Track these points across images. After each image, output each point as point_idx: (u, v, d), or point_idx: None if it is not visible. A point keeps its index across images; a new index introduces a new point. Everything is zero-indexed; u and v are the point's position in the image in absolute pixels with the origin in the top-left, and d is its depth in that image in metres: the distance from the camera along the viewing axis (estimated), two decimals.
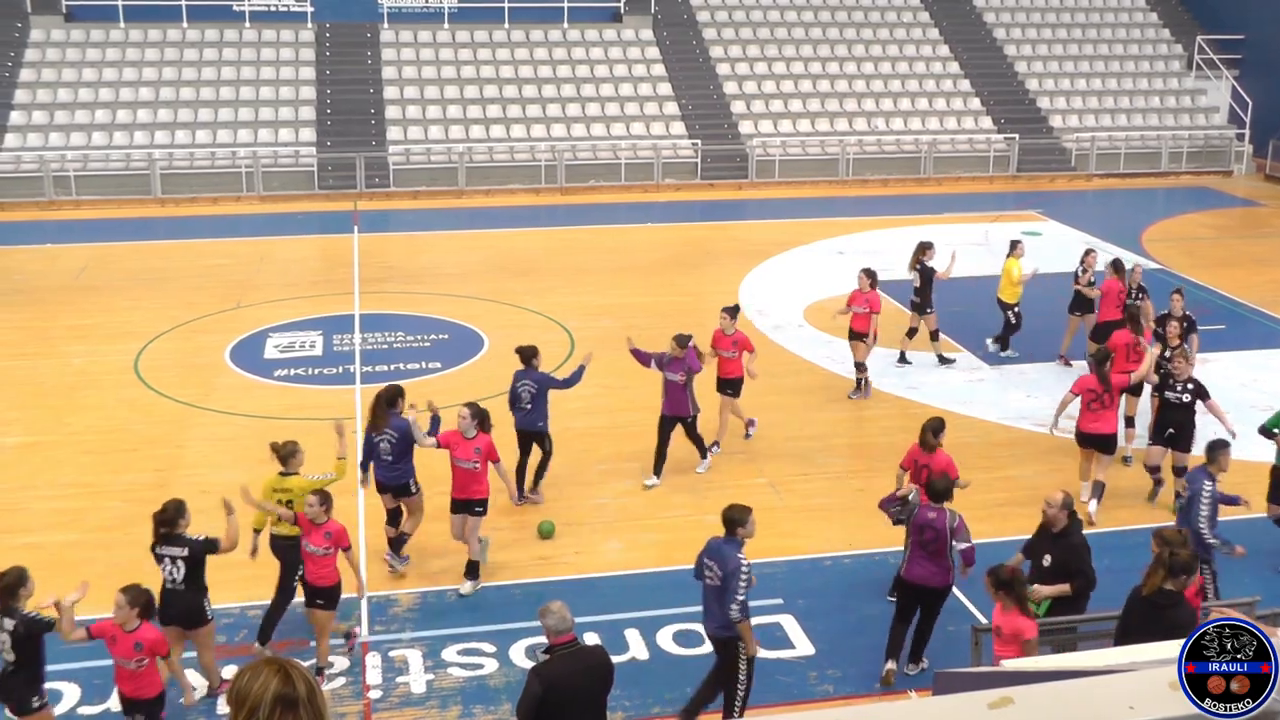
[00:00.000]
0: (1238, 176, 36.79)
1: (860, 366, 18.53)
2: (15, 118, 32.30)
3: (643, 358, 15.69)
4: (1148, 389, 16.10)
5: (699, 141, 34.33)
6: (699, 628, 12.47)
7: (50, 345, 20.93)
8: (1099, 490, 14.83)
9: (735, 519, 10.60)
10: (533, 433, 15.16)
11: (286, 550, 12.07)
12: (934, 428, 12.80)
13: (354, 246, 27.41)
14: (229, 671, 11.06)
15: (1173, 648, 6.12)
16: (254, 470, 15.71)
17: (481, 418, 13.08)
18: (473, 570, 13.24)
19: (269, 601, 12.01)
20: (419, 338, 21.21)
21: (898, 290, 22.52)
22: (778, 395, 18.31)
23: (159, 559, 11.01)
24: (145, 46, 34.68)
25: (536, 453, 15.27)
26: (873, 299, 18.10)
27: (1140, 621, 9.29)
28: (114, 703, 10.93)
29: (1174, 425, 14.84)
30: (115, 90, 33.31)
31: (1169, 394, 14.90)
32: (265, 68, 34.83)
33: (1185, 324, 16.96)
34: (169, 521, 10.95)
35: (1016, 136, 35.77)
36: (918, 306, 19.80)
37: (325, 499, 11.49)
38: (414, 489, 13.49)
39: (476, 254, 27.03)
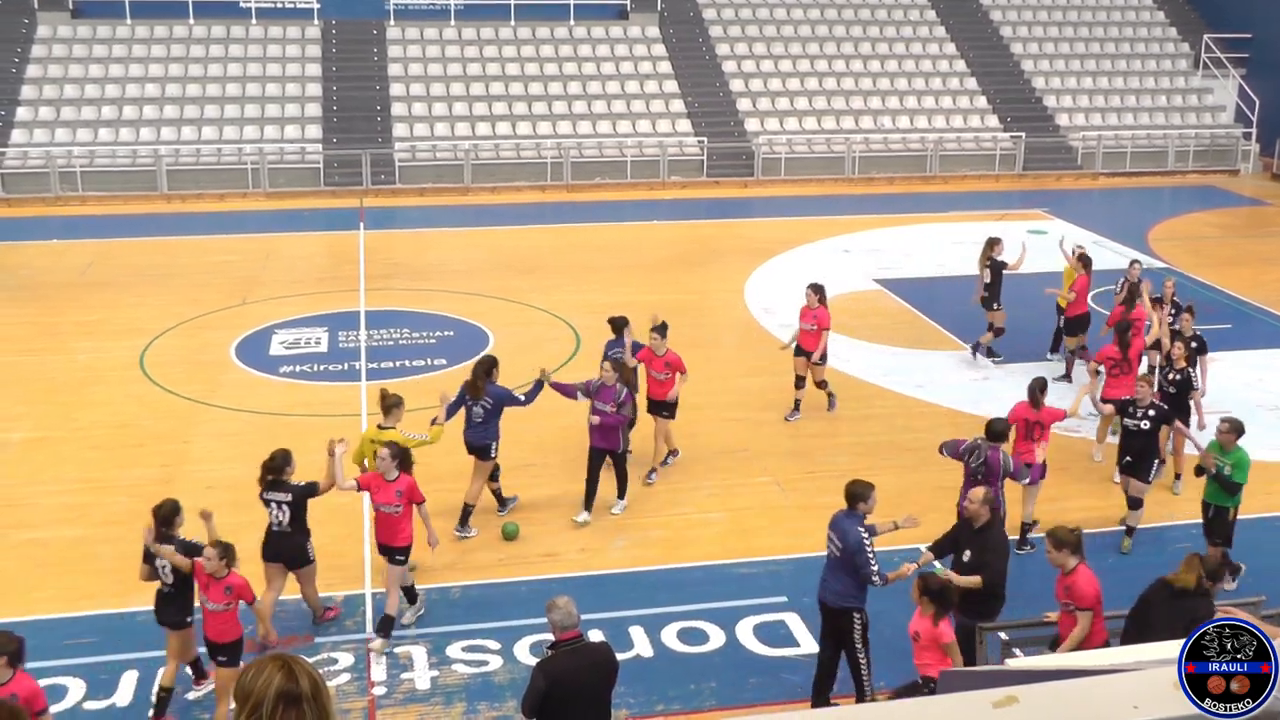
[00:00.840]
0: (1244, 175, 36.75)
1: (800, 383, 17.54)
2: (22, 113, 32.35)
3: (566, 390, 14.46)
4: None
5: (705, 139, 34.34)
6: (703, 625, 12.52)
7: (57, 341, 20.96)
8: None
9: (857, 494, 10.89)
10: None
11: None
12: (1040, 386, 14.12)
13: (360, 243, 27.44)
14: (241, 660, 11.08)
15: (1176, 647, 6.12)
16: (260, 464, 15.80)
17: (402, 457, 11.88)
18: (385, 626, 11.92)
19: (298, 595, 12.21)
20: (424, 334, 21.23)
21: (908, 288, 22.55)
22: (779, 393, 18.31)
23: (266, 504, 12.00)
24: (151, 43, 34.71)
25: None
26: (820, 315, 17.16)
27: (1164, 613, 9.55)
28: (122, 697, 11.01)
29: (1132, 453, 14.13)
30: (122, 86, 33.36)
31: (1128, 420, 14.20)
32: (271, 64, 34.85)
33: (1194, 344, 16.22)
34: (276, 469, 11.97)
35: (1023, 135, 35.75)
36: (986, 302, 19.64)
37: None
38: (493, 453, 14.11)
39: (482, 251, 27.04)
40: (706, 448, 16.78)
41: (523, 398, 14.30)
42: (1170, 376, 15.43)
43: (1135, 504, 14.08)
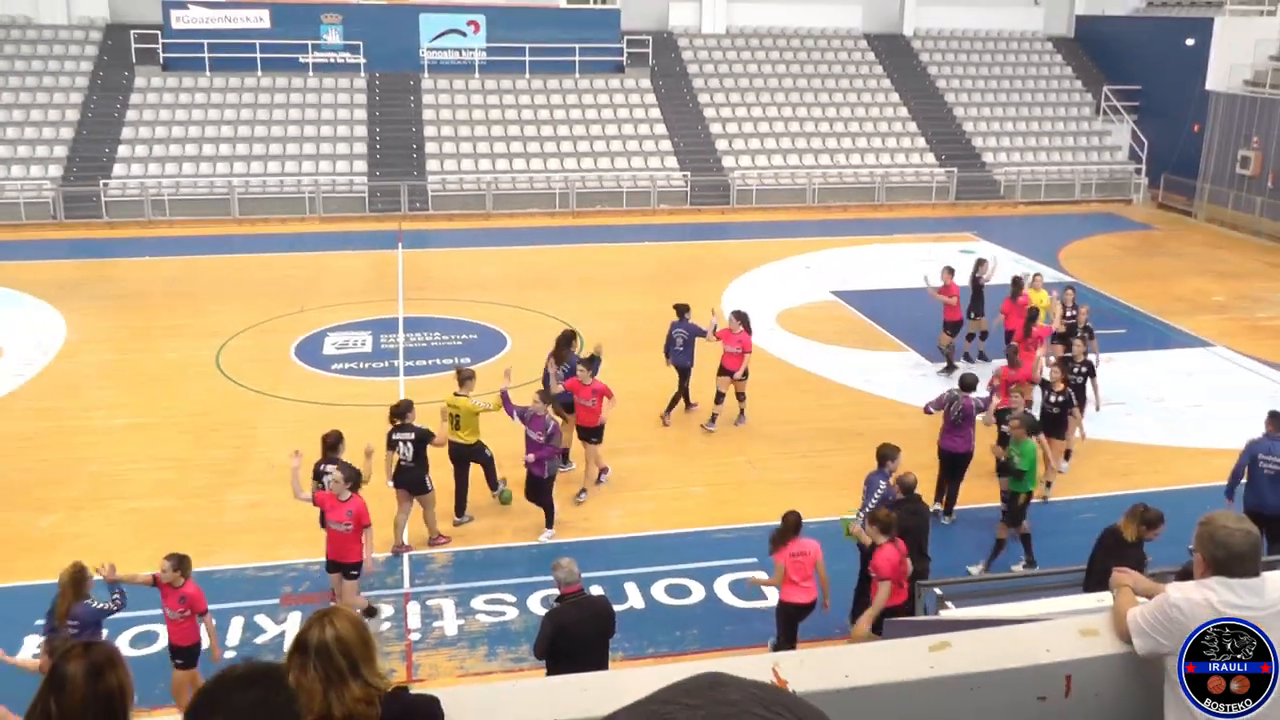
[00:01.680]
0: (1136, 204, 36.74)
1: (719, 398, 16.53)
2: (122, 151, 32.25)
3: (509, 408, 13.48)
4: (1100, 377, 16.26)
5: (689, 173, 34.28)
6: (688, 582, 12.55)
7: (150, 342, 20.93)
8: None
9: (885, 454, 11.65)
10: (683, 368, 16.77)
11: (462, 451, 13.62)
12: (1013, 350, 15.61)
13: (398, 260, 27.40)
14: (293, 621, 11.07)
15: (1083, 601, 6.14)
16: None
17: (355, 480, 11.14)
18: None
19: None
20: (453, 337, 21.21)
21: (860, 299, 22.54)
22: (754, 387, 18.28)
23: (393, 444, 12.76)
24: (227, 92, 34.61)
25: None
26: (744, 340, 16.33)
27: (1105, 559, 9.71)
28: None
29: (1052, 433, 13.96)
30: (202, 128, 33.25)
31: (1044, 404, 13.85)
32: (325, 110, 34.76)
33: (1085, 368, 15.71)
34: (401, 414, 12.87)
35: (955, 170, 35.73)
36: (976, 309, 19.63)
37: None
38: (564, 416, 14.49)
39: (501, 267, 27.00)
40: (691, 432, 16.80)
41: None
42: (1052, 399, 14.53)
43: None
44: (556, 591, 9.14)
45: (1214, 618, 3.65)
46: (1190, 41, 35.68)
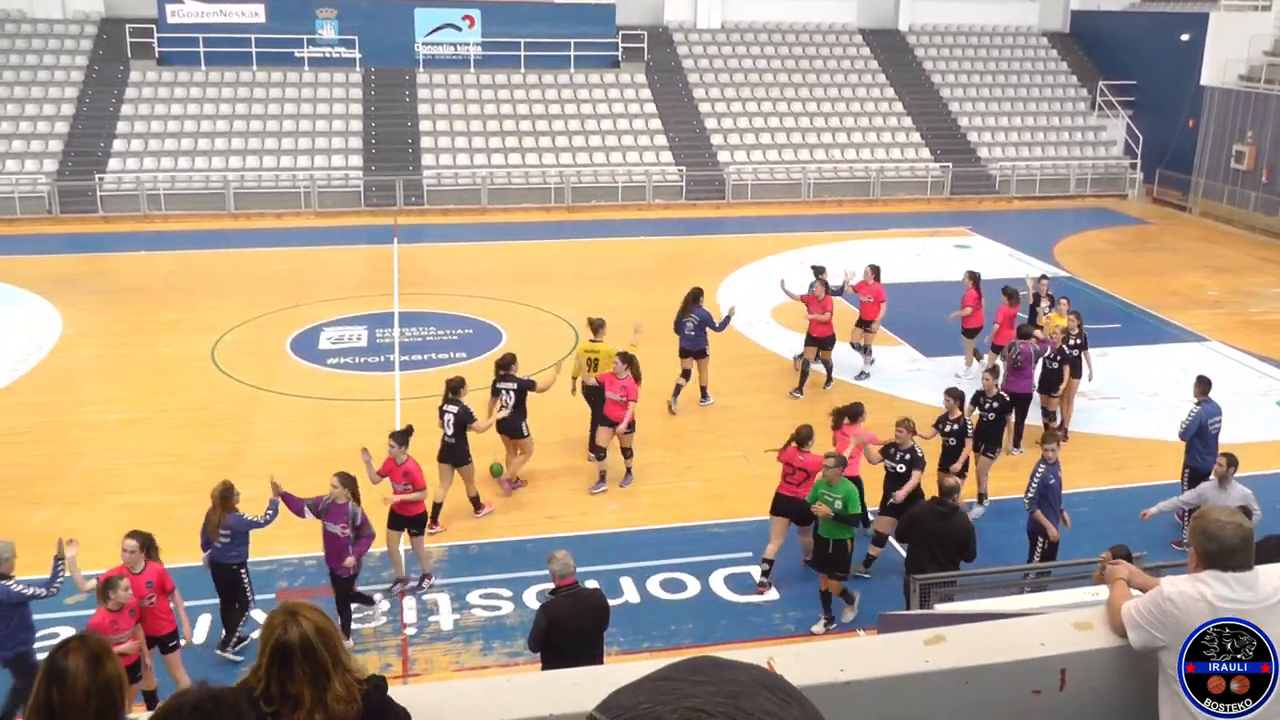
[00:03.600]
0: (1131, 199, 36.78)
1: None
2: (117, 145, 32.17)
3: (294, 504, 11.10)
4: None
5: (684, 168, 34.26)
6: (684, 576, 12.54)
7: (146, 336, 20.85)
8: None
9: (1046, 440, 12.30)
10: (694, 352, 17.04)
11: (595, 394, 14.63)
12: (1013, 292, 17.35)
13: (394, 255, 27.36)
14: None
15: (1079, 595, 6.14)
16: (313, 442, 15.81)
17: (149, 548, 9.81)
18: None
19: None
20: (448, 332, 21.19)
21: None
22: (748, 380, 18.32)
23: (497, 392, 13.81)
24: (222, 86, 34.52)
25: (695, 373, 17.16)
26: (629, 387, 14.30)
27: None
28: (198, 636, 10.97)
29: (892, 495, 12.64)
30: (198, 123, 33.17)
31: (887, 462, 12.60)
32: (320, 104, 34.69)
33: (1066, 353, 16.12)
34: (505, 365, 13.95)
35: (950, 165, 35.74)
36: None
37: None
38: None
39: (496, 262, 26.99)
40: (686, 427, 16.79)
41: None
42: (987, 407, 14.24)
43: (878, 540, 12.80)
44: (551, 585, 9.14)
45: (1208, 611, 3.65)
46: (1185, 36, 35.69)
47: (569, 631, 8.75)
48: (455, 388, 13.38)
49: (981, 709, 3.54)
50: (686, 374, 17.19)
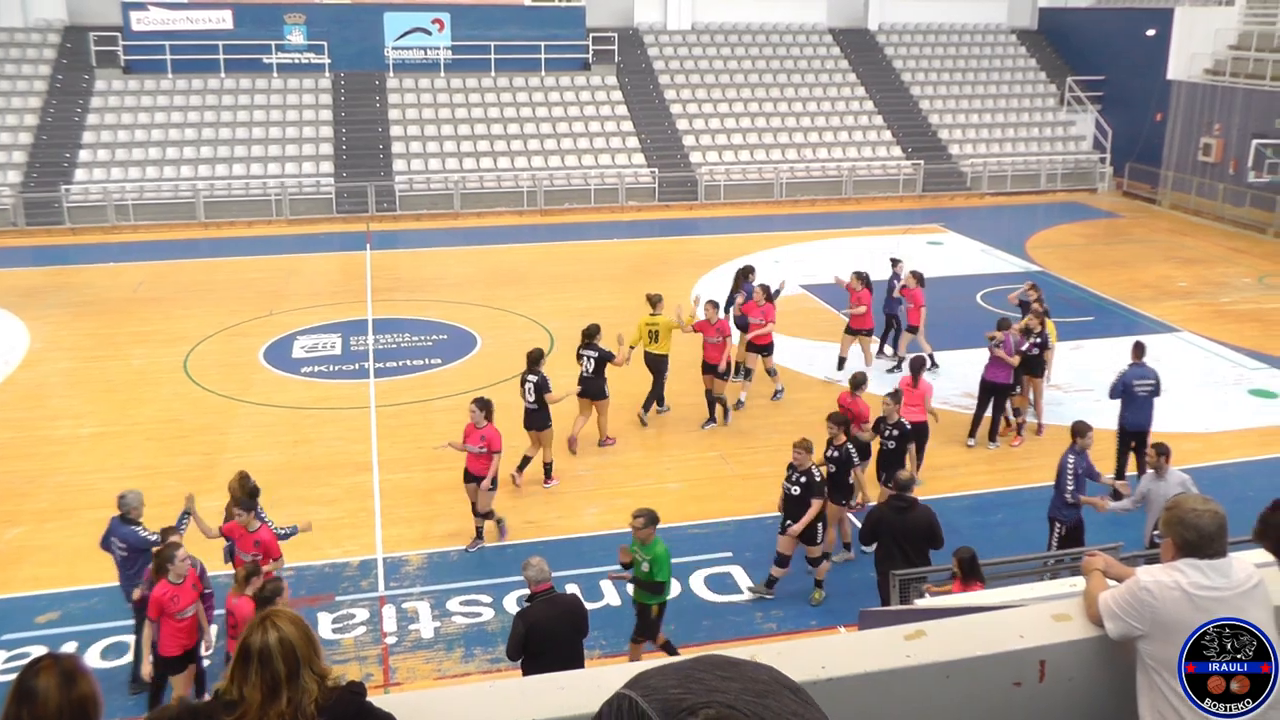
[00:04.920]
0: (1101, 193, 37.07)
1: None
2: (83, 155, 31.95)
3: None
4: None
5: (656, 169, 34.31)
6: None
7: (116, 349, 20.69)
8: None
9: (1077, 430, 12.39)
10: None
11: (657, 361, 16.55)
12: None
13: (367, 262, 27.27)
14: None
15: (1056, 587, 6.18)
16: (288, 452, 15.75)
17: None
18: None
19: (322, 562, 11.96)
20: (423, 338, 21.13)
21: (828, 292, 22.62)
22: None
23: (580, 357, 15.47)
24: (190, 94, 34.30)
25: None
26: (490, 435, 13.04)
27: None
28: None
29: (793, 517, 11.87)
30: (165, 131, 32.96)
31: (785, 484, 11.95)
32: (290, 111, 34.55)
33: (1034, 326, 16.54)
34: (590, 335, 15.39)
35: (921, 162, 35.92)
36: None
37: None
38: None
39: (470, 266, 26.92)
40: (665, 429, 16.81)
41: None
42: (887, 434, 13.45)
43: (814, 562, 12.25)
44: (528, 591, 9.12)
45: (1184, 599, 3.70)
46: (1151, 32, 36.02)
47: (547, 637, 8.73)
48: (535, 359, 14.54)
49: (963, 702, 3.57)
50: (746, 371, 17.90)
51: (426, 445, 15.19)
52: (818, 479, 11.75)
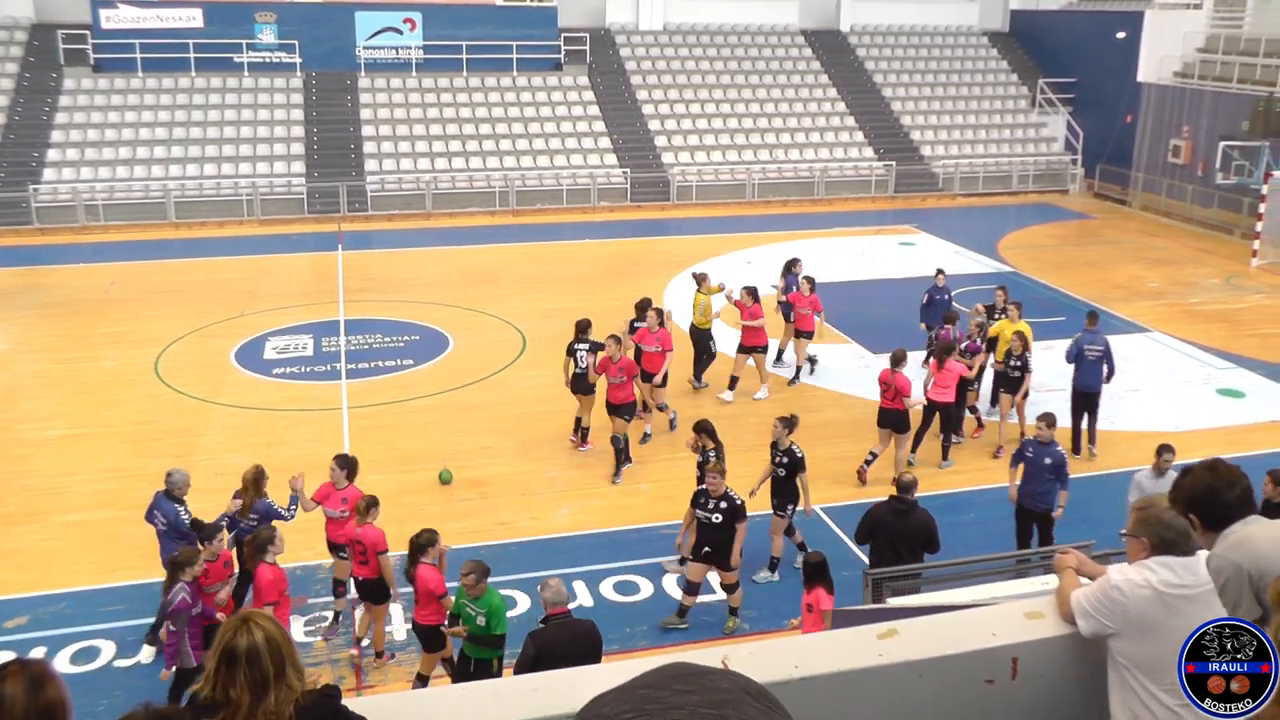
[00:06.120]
0: (1072, 194, 37.34)
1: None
2: (52, 155, 31.65)
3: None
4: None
5: (628, 170, 34.30)
6: (636, 579, 12.55)
7: (87, 350, 20.49)
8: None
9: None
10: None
11: (702, 336, 17.86)
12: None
13: (339, 262, 27.13)
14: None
15: (1027, 585, 6.22)
16: (260, 453, 15.59)
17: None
18: None
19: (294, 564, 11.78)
20: (395, 339, 21.04)
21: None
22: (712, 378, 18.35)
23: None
24: (160, 93, 34.06)
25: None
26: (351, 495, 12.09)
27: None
28: (145, 655, 10.83)
29: (710, 544, 11.42)
30: (135, 130, 32.71)
31: (700, 511, 11.46)
32: (261, 110, 34.35)
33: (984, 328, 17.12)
34: (584, 329, 15.50)
35: (893, 163, 36.08)
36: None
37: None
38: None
39: (443, 267, 26.83)
40: (635, 430, 16.78)
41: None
42: (777, 461, 12.70)
43: (730, 589, 11.69)
44: (543, 612, 8.94)
45: (1154, 597, 3.74)
46: (1121, 35, 36.33)
47: (559, 661, 8.48)
48: (584, 327, 15.46)
49: (936, 700, 3.59)
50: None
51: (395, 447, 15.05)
52: (739, 503, 11.33)
